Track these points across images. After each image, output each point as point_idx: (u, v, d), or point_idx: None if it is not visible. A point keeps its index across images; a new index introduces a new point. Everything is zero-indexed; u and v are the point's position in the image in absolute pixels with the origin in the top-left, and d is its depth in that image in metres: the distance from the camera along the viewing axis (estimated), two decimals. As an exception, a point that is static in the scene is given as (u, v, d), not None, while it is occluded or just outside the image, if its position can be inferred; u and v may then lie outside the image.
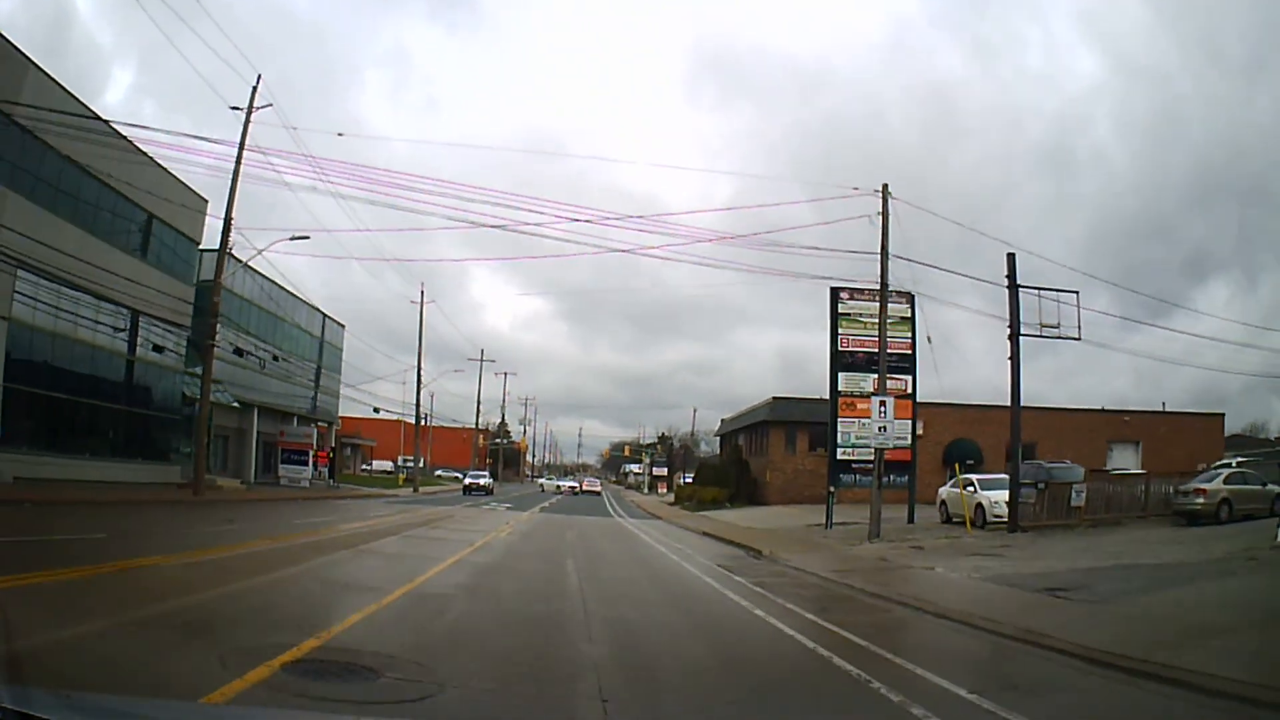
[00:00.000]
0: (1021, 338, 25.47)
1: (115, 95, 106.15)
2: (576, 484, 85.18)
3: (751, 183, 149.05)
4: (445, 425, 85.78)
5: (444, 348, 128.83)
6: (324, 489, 45.57)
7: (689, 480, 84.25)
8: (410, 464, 72.24)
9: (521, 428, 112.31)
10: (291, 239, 30.02)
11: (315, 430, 46.19)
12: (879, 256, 24.50)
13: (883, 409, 22.95)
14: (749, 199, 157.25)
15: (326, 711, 5.05)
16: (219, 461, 43.12)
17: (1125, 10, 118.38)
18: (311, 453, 44.58)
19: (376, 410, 50.62)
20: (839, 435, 27.68)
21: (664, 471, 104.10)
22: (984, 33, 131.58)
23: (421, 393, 56.78)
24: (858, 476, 28.02)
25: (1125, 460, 43.24)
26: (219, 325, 38.44)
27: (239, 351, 33.92)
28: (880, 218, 25.25)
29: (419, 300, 57.48)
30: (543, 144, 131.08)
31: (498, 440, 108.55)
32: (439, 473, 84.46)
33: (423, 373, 56.33)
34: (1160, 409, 50.18)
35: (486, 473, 61.53)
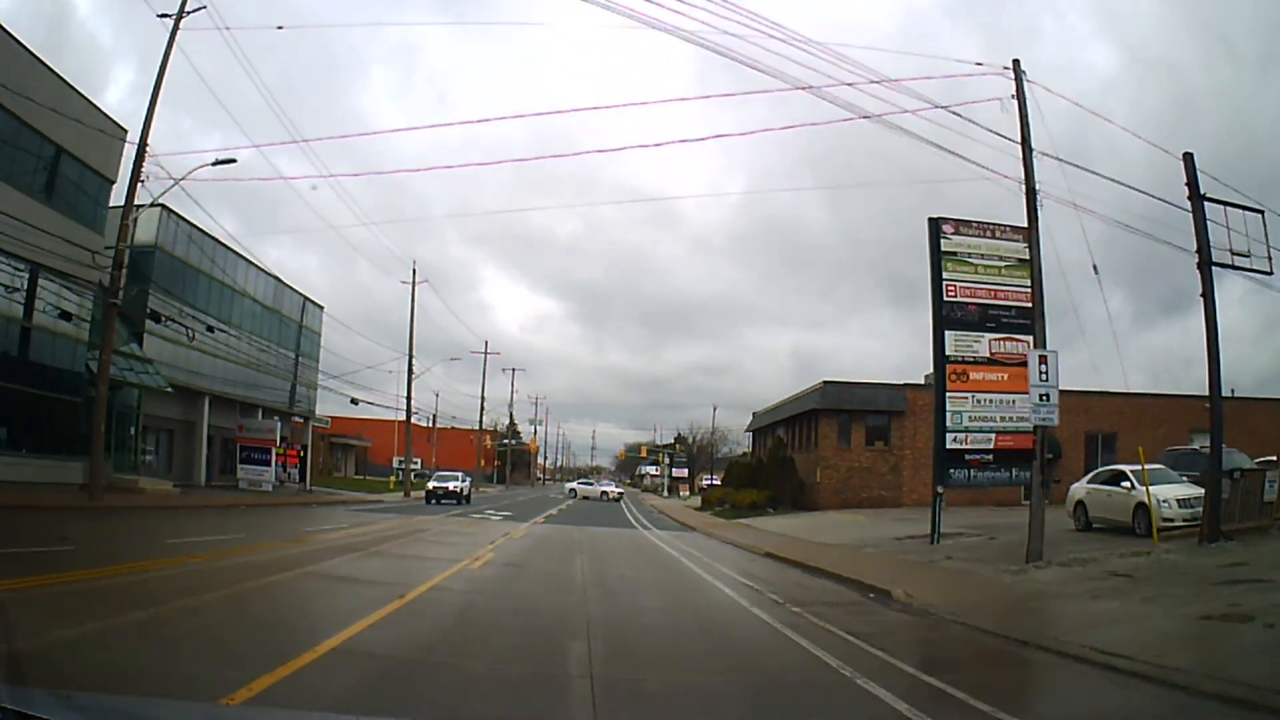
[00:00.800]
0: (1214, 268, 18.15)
1: (115, 94, 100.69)
2: (619, 488, 75.33)
3: (762, 176, 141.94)
4: (454, 427, 78.96)
5: (453, 348, 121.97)
6: (293, 493, 38.42)
7: (712, 482, 76.98)
8: (420, 467, 65.13)
9: (531, 428, 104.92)
10: (215, 164, 23.03)
11: (279, 424, 38.91)
12: (1019, 149, 17.05)
13: (1043, 370, 15.51)
14: (760, 193, 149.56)
15: (327, 712, 4.68)
16: (163, 460, 36.06)
17: (1137, 1, 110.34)
18: (274, 451, 37.34)
19: (355, 402, 43.40)
20: (947, 416, 20.25)
21: (684, 473, 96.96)
22: (997, 24, 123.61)
23: (435, 394, 49.46)
24: (972, 471, 20.58)
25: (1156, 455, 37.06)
26: (150, 294, 31.58)
27: (155, 316, 26.68)
28: (1015, 101, 17.92)
29: (410, 281, 50.64)
30: (552, 140, 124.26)
31: (506, 441, 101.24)
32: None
33: (428, 371, 49.09)
34: (1230, 394, 44.04)
35: (459, 474, 44.75)
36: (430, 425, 78.78)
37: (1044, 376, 15.62)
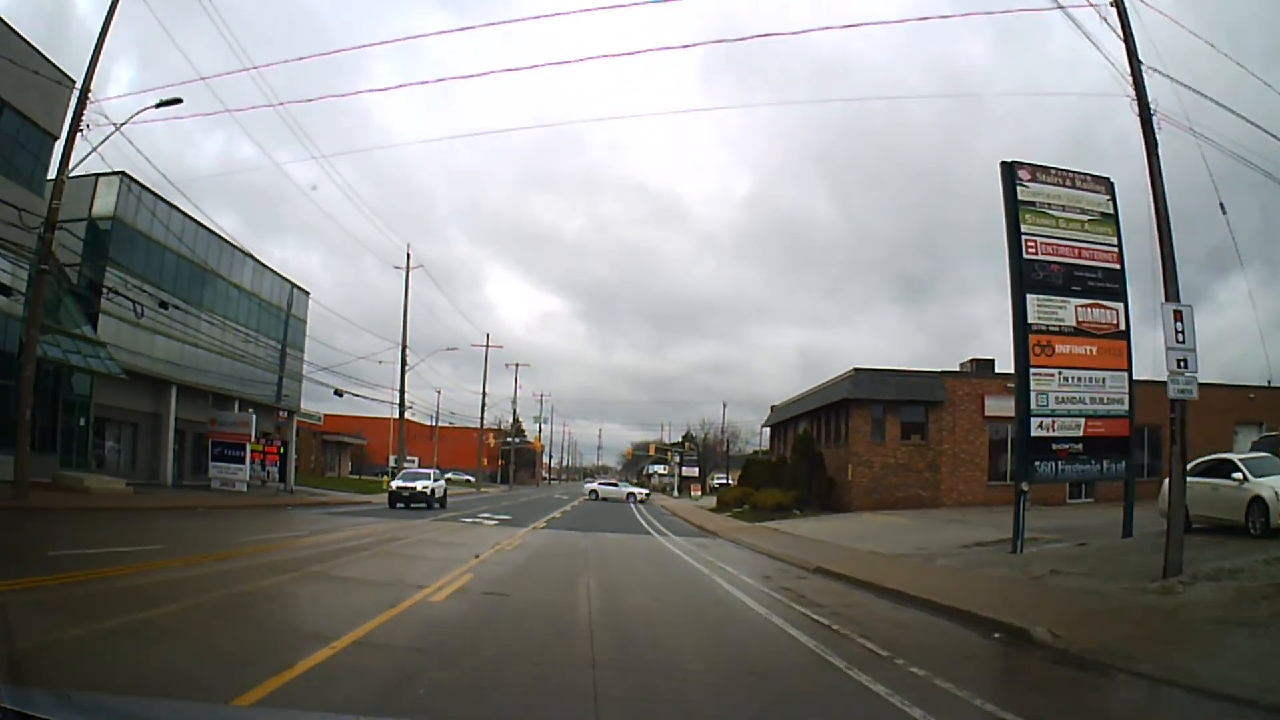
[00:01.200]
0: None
1: (116, 90, 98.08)
2: (645, 489, 70.55)
3: (766, 172, 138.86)
4: (455, 424, 75.55)
5: (459, 348, 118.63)
6: (271, 494, 35.06)
7: (724, 481, 73.23)
8: (418, 466, 61.27)
9: (536, 426, 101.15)
10: (158, 105, 19.73)
11: (255, 418, 35.48)
12: (1126, 60, 13.42)
13: (1179, 328, 11.96)
14: (767, 190, 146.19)
15: (329, 712, 4.65)
16: (126, 457, 32.68)
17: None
18: (249, 447, 33.93)
19: (339, 394, 39.91)
20: (1031, 397, 16.69)
21: (694, 471, 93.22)
22: (1005, 18, 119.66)
23: (437, 391, 46.06)
24: (1059, 464, 17.02)
25: (1250, 444, 33.52)
26: (108, 271, 28.21)
27: (98, 288, 23.23)
28: (1114, 9, 14.32)
29: (405, 266, 47.29)
30: (556, 135, 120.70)
31: (510, 440, 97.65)
32: (448, 475, 73.15)
33: (422, 363, 45.70)
34: (1267, 384, 40.61)
35: (431, 472, 37.52)
36: (432, 423, 75.42)
37: (1180, 337, 12.05)
